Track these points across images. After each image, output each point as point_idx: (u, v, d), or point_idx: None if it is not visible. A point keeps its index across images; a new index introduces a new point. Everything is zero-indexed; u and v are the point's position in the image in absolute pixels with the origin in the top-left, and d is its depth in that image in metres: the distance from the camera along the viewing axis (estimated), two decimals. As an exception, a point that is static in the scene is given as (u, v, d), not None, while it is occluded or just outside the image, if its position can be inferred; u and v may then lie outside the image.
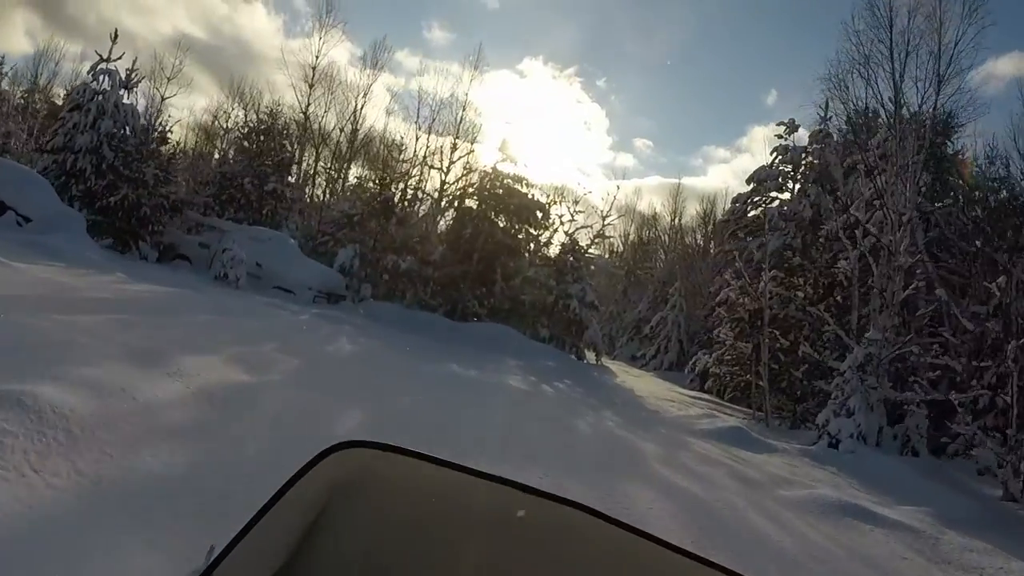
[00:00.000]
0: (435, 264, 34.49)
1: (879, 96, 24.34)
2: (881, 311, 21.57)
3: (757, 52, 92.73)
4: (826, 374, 22.42)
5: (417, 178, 41.99)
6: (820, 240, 27.23)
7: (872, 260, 22.18)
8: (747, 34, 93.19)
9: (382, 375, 14.00)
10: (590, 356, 34.17)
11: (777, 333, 22.52)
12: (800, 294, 22.89)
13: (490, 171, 36.09)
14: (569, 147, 72.23)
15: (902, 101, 23.92)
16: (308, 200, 43.43)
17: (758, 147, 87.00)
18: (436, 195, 41.02)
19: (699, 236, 61.98)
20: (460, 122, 41.68)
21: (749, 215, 42.98)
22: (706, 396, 29.45)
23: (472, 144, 41.68)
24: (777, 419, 22.69)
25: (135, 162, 28.33)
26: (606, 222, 37.77)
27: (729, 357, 24.05)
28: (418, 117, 42.74)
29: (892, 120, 23.91)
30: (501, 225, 35.76)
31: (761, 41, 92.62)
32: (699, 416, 20.31)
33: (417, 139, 42.47)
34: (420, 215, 40.28)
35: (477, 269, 33.90)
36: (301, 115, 42.32)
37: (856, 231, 23.64)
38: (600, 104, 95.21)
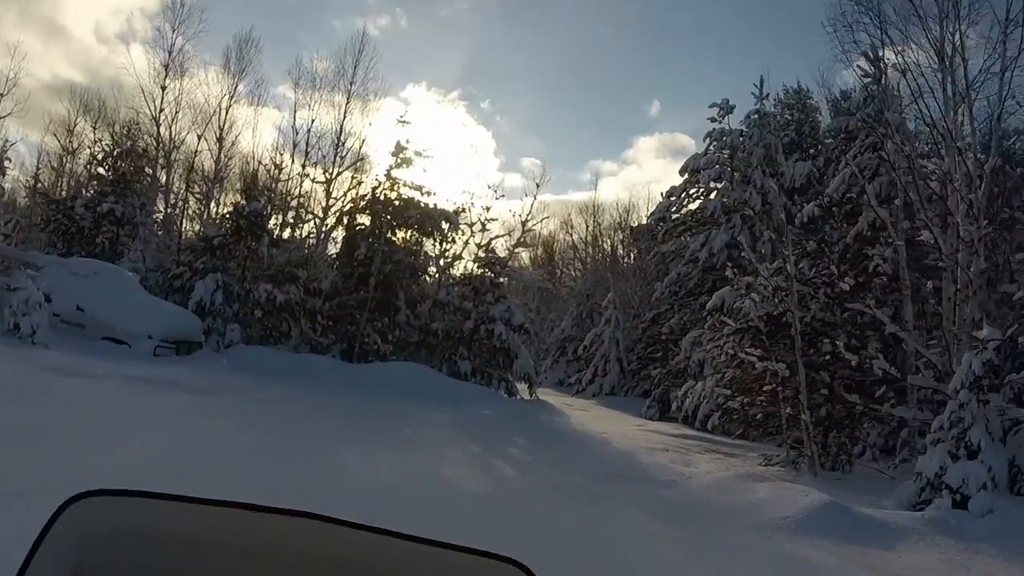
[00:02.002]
0: (324, 294, 26.83)
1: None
2: (969, 298, 14.56)
3: (637, 65, 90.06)
4: (883, 396, 15.56)
5: (297, 197, 33.69)
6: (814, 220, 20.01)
7: (936, 232, 15.15)
8: (625, 48, 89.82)
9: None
10: (522, 389, 26.95)
11: (842, 344, 15.26)
12: (843, 287, 15.54)
13: (383, 180, 28.50)
14: (458, 171, 65.30)
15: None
16: (172, 230, 34.63)
17: (644, 157, 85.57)
18: (321, 213, 32.97)
19: (613, 243, 55.48)
20: (340, 147, 33.29)
21: (684, 210, 36.33)
22: (691, 432, 22.26)
23: (359, 174, 33.39)
24: (806, 458, 15.27)
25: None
26: (527, 227, 30.48)
27: (761, 383, 16.29)
28: (295, 132, 33.90)
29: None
30: (400, 242, 28.32)
31: (640, 53, 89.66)
32: (741, 480, 13.02)
33: (294, 155, 33.97)
34: (303, 237, 32.34)
35: (375, 296, 26.37)
36: (153, 124, 33.42)
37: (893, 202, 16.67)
38: (486, 126, 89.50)
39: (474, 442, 14.59)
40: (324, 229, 31.91)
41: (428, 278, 29.61)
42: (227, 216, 26.52)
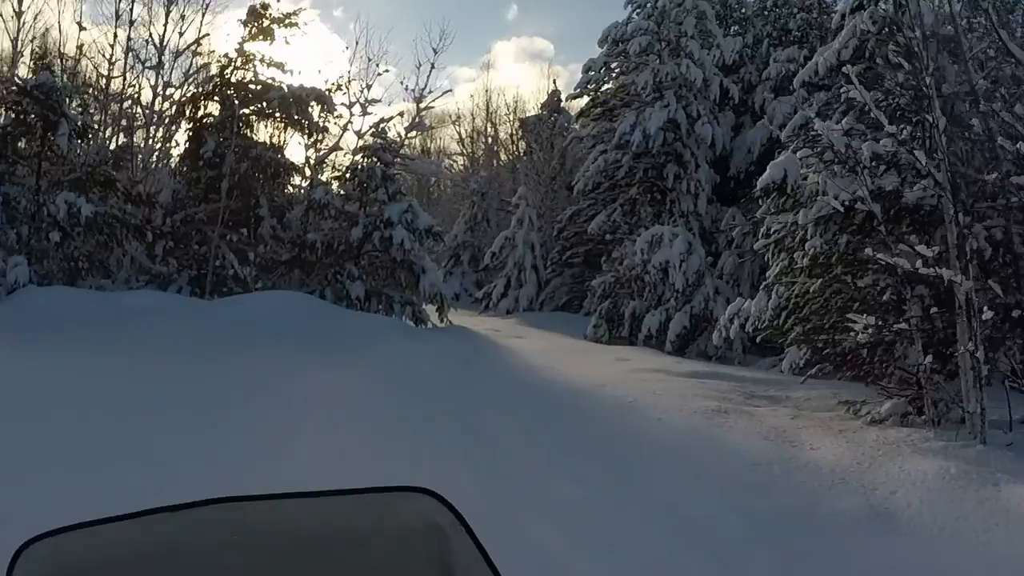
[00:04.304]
0: (164, 208, 19.10)
1: None
2: None
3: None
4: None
5: (123, 87, 24.63)
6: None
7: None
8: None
9: None
10: (432, 313, 20.13)
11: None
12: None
13: (234, 55, 20.55)
14: (312, 83, 57.00)
15: None
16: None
17: (503, 63, 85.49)
18: (156, 107, 24.28)
19: (499, 136, 49.07)
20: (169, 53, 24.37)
21: (603, 89, 29.46)
22: (691, 366, 15.21)
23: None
24: (969, 415, 8.17)
25: None
26: (422, 105, 22.79)
27: (873, 302, 8.76)
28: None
29: None
30: (260, 137, 20.72)
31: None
32: (960, 487, 5.99)
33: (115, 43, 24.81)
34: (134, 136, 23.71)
35: (230, 205, 18.85)
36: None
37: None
38: (340, 35, 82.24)
39: (456, 466, 7.19)
40: (157, 122, 23.35)
41: (297, 181, 21.88)
42: (8, 99, 17.99)
